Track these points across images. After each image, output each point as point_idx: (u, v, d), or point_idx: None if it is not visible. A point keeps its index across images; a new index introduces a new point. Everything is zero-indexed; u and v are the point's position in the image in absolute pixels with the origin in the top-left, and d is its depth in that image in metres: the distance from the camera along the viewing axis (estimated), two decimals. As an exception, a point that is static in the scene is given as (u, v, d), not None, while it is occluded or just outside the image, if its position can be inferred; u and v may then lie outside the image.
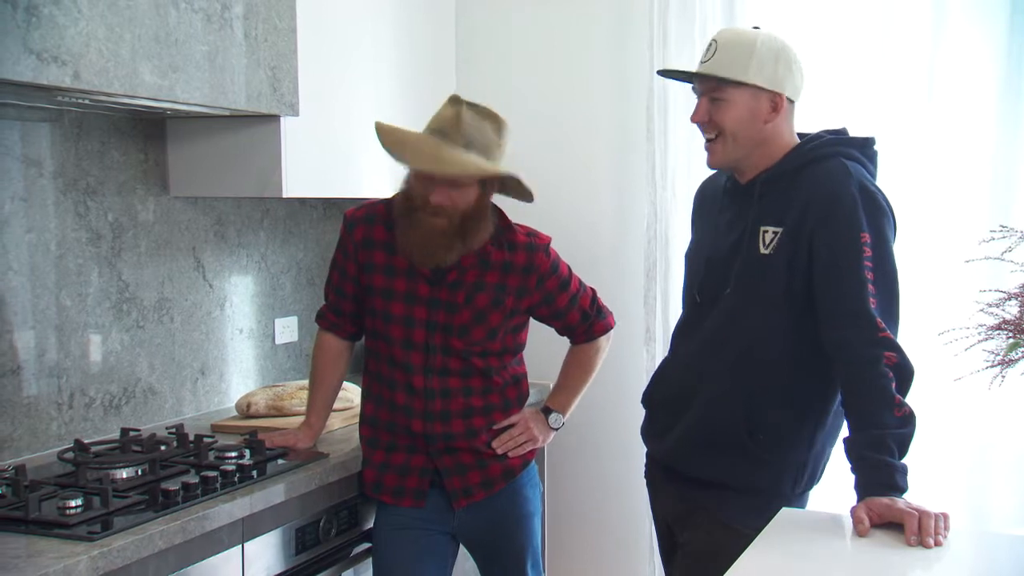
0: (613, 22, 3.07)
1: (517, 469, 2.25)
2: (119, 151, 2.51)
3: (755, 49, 1.93)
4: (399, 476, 2.20)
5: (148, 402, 2.61)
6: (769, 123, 1.97)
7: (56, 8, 1.87)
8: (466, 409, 2.18)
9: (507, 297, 2.17)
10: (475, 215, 2.09)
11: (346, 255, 2.25)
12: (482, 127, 2.06)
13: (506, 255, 2.17)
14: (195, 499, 1.94)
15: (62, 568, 1.62)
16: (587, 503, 3.11)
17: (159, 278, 2.63)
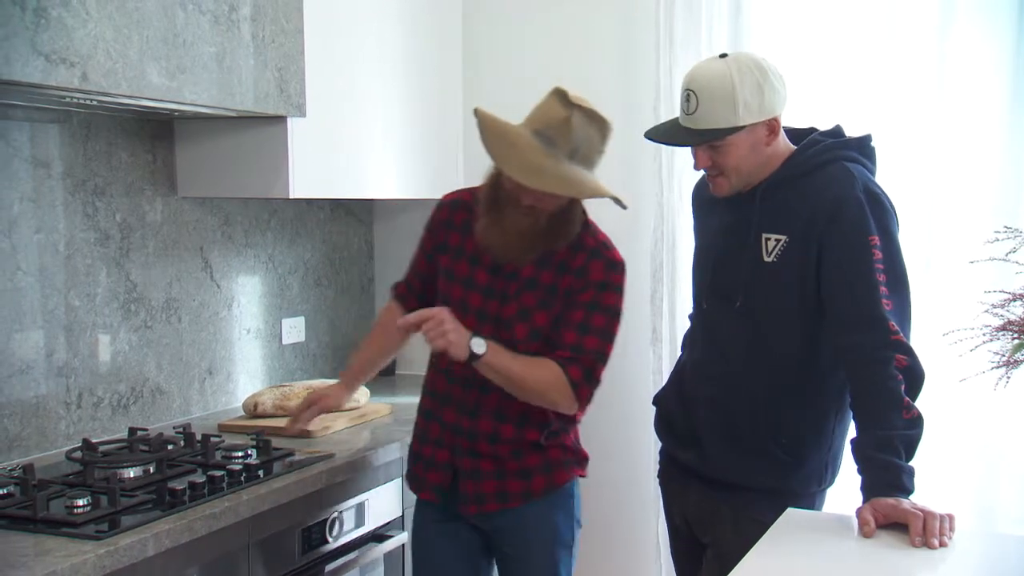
0: (619, 23, 3.06)
1: (537, 493, 2.11)
2: (127, 152, 2.52)
3: (736, 91, 1.88)
4: (425, 468, 2.17)
5: (156, 402, 2.62)
6: (769, 146, 1.96)
7: (64, 10, 1.88)
8: (499, 410, 2.08)
9: (556, 301, 2.06)
10: (562, 218, 2.03)
11: (428, 232, 2.23)
12: (589, 134, 1.96)
13: (568, 256, 2.07)
14: (202, 498, 1.95)
15: (69, 567, 1.63)
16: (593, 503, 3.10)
17: (167, 278, 2.64)
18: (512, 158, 1.94)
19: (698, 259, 2.15)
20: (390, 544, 2.44)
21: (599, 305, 2.06)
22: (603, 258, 2.08)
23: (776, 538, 1.72)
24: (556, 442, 2.14)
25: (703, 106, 1.91)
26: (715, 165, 1.96)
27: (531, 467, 2.12)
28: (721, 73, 1.91)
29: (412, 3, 3.02)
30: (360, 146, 2.81)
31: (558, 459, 2.15)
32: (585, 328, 2.04)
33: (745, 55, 1.97)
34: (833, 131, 2.04)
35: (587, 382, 2.04)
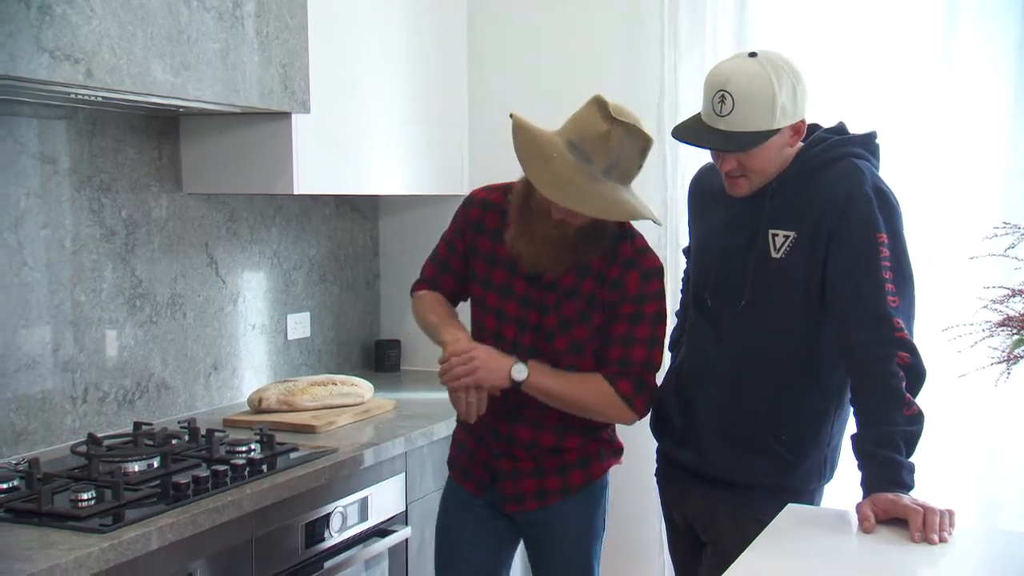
0: (624, 20, 3.06)
1: (575, 488, 2.11)
2: (133, 148, 2.53)
3: (774, 96, 1.85)
4: (468, 459, 2.16)
5: (161, 396, 2.64)
6: (792, 147, 1.95)
7: (69, 7, 1.89)
8: (538, 421, 2.06)
9: (596, 312, 2.02)
10: (593, 231, 1.98)
11: (457, 230, 2.16)
12: (628, 150, 1.90)
13: (604, 266, 2.02)
14: (205, 493, 1.97)
15: (74, 560, 1.64)
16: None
17: (172, 274, 2.65)
18: (545, 174, 1.88)
19: (698, 256, 2.14)
20: (393, 539, 2.45)
21: (641, 315, 2.02)
22: (639, 268, 2.03)
23: (775, 534, 1.72)
24: (593, 436, 2.13)
25: (740, 109, 1.86)
26: (741, 167, 1.93)
27: (569, 463, 2.11)
28: (759, 76, 1.86)
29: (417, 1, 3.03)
30: (365, 142, 2.82)
31: (595, 452, 2.14)
32: (630, 340, 2.01)
33: (776, 55, 1.91)
34: (837, 128, 2.03)
35: (639, 392, 2.03)
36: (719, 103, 1.88)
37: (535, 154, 1.90)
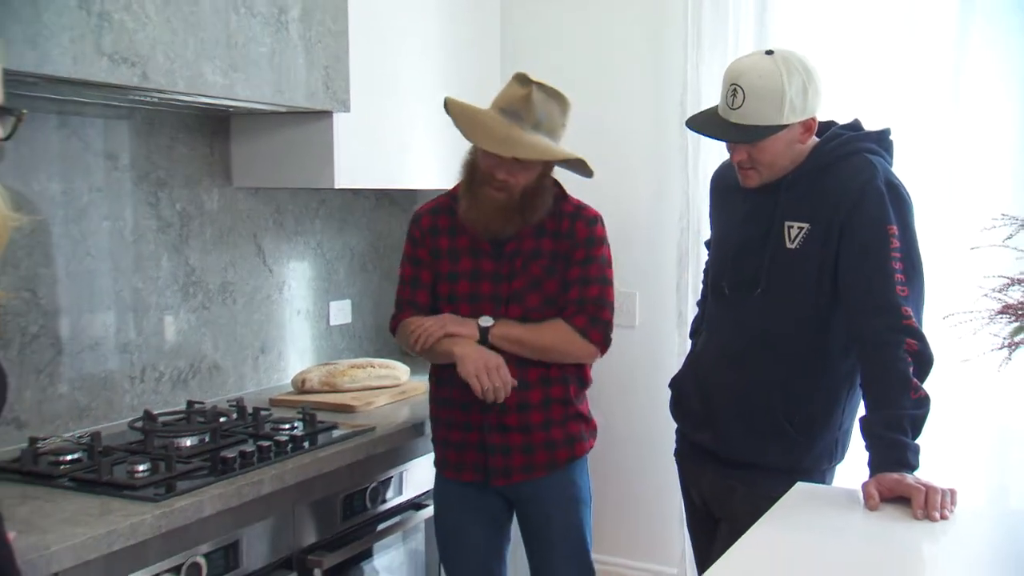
0: (650, 21, 3.05)
1: (562, 462, 2.16)
2: (186, 146, 2.56)
3: (785, 92, 1.85)
4: (458, 452, 2.18)
5: (212, 377, 2.66)
6: (802, 143, 1.95)
7: (126, 14, 1.92)
8: (522, 379, 2.09)
9: (559, 264, 2.12)
10: (535, 191, 2.08)
11: (415, 244, 2.23)
12: (550, 108, 2.04)
13: (555, 223, 2.13)
14: (251, 466, 1.99)
15: (129, 526, 1.68)
16: (624, 477, 3.12)
17: (223, 263, 2.68)
18: (484, 134, 2.03)
19: (718, 246, 2.14)
20: (428, 512, 2.45)
21: (592, 258, 2.13)
22: (582, 217, 2.15)
23: (784, 510, 1.72)
24: (574, 411, 2.18)
25: (750, 103, 1.87)
26: (751, 159, 1.94)
27: (556, 440, 2.15)
28: (770, 71, 1.87)
29: (452, 4, 3.03)
30: (402, 139, 2.82)
31: (578, 432, 2.19)
32: (585, 281, 2.12)
33: (792, 54, 1.91)
34: (852, 124, 2.03)
35: (594, 326, 2.11)
36: (732, 96, 1.90)
37: (472, 121, 2.07)
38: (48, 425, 2.23)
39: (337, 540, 2.20)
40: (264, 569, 2.01)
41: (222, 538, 1.90)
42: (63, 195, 2.25)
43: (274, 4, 2.27)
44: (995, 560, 1.58)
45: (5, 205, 1.17)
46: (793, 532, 1.63)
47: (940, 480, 1.69)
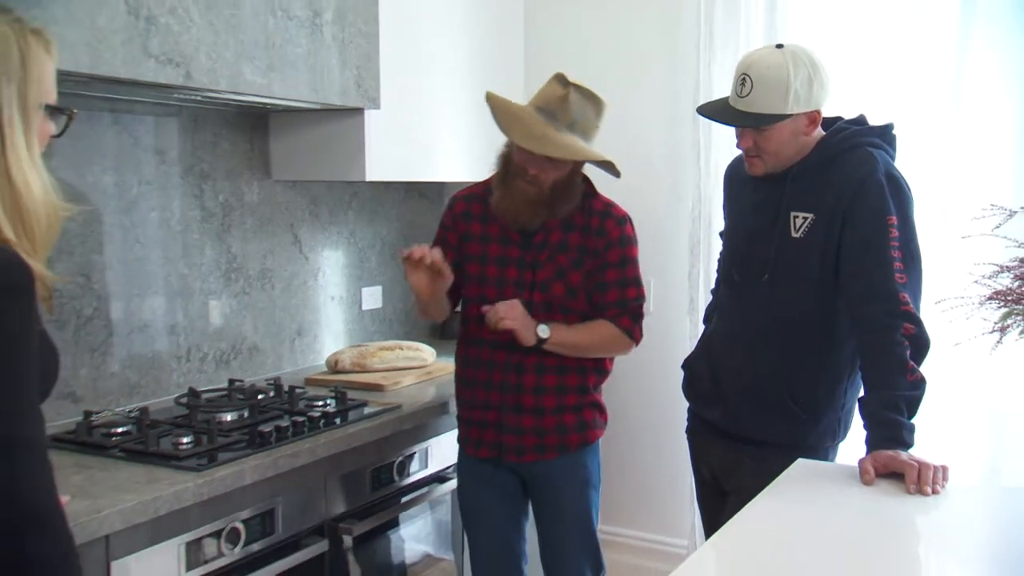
0: (665, 23, 3.05)
1: (572, 446, 2.16)
2: (229, 141, 2.58)
3: (791, 82, 1.87)
4: (477, 430, 2.19)
5: (253, 358, 2.69)
6: (807, 135, 1.95)
7: (172, 17, 1.95)
8: (540, 364, 2.10)
9: (586, 258, 2.10)
10: (565, 187, 2.08)
11: (445, 228, 2.23)
12: (585, 109, 2.04)
13: (584, 219, 2.12)
14: (286, 440, 2.02)
15: (173, 493, 1.72)
16: (638, 454, 3.14)
17: (262, 251, 2.70)
18: (521, 130, 2.02)
19: (729, 235, 2.14)
20: (450, 485, 2.47)
21: (627, 260, 2.13)
22: (612, 216, 2.14)
23: (785, 484, 1.73)
24: (590, 399, 2.18)
25: (756, 91, 1.89)
26: (756, 146, 1.94)
27: (568, 425, 2.15)
28: (778, 63, 1.89)
29: (477, 8, 3.03)
30: (429, 134, 2.82)
31: (591, 420, 2.18)
32: (623, 283, 2.12)
33: (801, 49, 1.93)
34: (857, 119, 2.02)
35: (636, 324, 2.15)
36: (740, 85, 1.92)
37: (511, 117, 2.05)
38: (101, 400, 2.27)
39: (366, 510, 2.22)
40: (298, 535, 2.03)
41: (259, 506, 1.93)
42: (115, 187, 2.29)
43: (309, 7, 2.29)
44: (984, 532, 1.58)
45: (57, 196, 1.20)
46: (791, 504, 1.64)
47: (933, 458, 1.69)
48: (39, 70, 1.18)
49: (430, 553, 2.49)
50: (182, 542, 1.76)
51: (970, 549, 1.51)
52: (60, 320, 2.18)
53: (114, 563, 1.64)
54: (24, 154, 1.15)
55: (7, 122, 1.13)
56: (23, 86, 1.16)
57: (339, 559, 2.14)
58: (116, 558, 1.64)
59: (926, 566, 1.49)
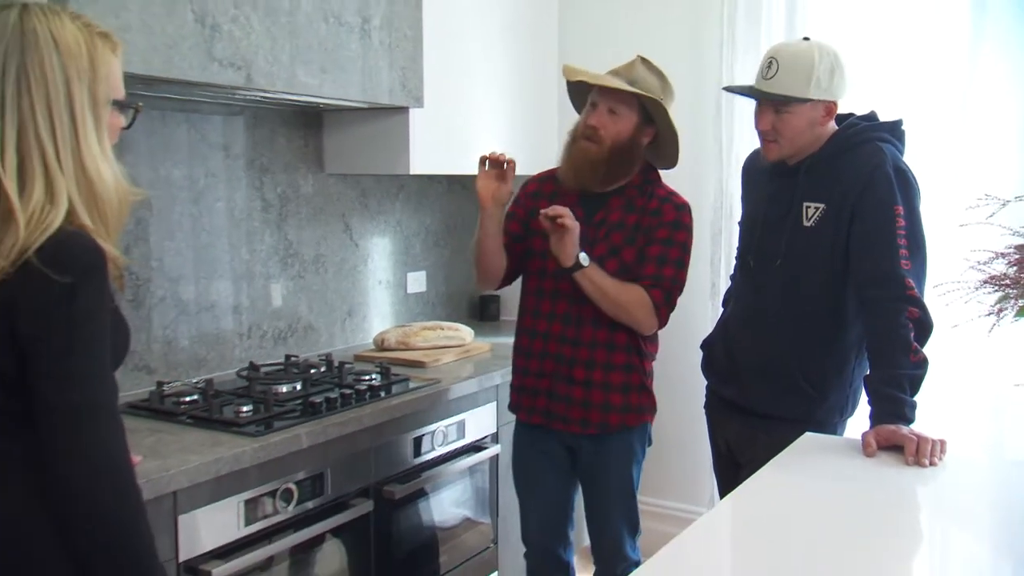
0: (690, 26, 3.03)
1: (612, 426, 2.10)
2: (285, 138, 2.62)
3: (814, 67, 1.86)
4: (531, 397, 2.15)
5: (307, 336, 2.73)
6: (822, 126, 1.94)
7: (234, 25, 1.99)
8: (593, 339, 2.06)
9: (640, 235, 2.06)
10: (625, 150, 2.03)
11: (516, 203, 2.21)
12: (648, 75, 2.02)
13: (646, 202, 2.08)
14: (335, 410, 2.05)
15: (232, 455, 1.77)
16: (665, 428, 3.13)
17: (316, 238, 2.74)
18: (583, 73, 2.06)
19: (745, 224, 2.14)
20: (486, 454, 2.51)
21: (673, 241, 2.06)
22: (672, 202, 2.09)
23: (792, 455, 1.74)
24: (638, 381, 2.11)
25: (781, 73, 1.88)
26: (774, 129, 1.93)
27: (613, 405, 2.09)
28: (804, 51, 1.90)
29: (514, 14, 3.03)
30: (469, 131, 2.83)
31: (636, 404, 2.12)
32: (663, 261, 2.05)
33: (826, 43, 1.93)
34: (868, 116, 2.01)
35: (666, 303, 2.05)
36: (767, 68, 1.92)
37: (575, 72, 2.09)
38: (172, 372, 2.33)
39: (407, 475, 2.25)
40: (345, 496, 2.07)
41: (310, 469, 1.96)
42: (184, 180, 2.34)
43: (359, 14, 2.32)
44: (978, 500, 1.57)
45: (125, 182, 1.23)
46: (796, 474, 1.65)
47: (933, 433, 1.68)
48: (107, 69, 1.21)
49: (469, 516, 2.52)
50: (241, 500, 1.81)
51: (964, 515, 1.50)
52: (136, 300, 2.25)
53: (180, 516, 1.69)
54: (95, 146, 1.18)
55: (80, 118, 1.17)
56: (93, 84, 1.18)
57: (383, 519, 2.19)
58: (182, 512, 1.70)
59: (920, 529, 1.49)
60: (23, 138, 1.13)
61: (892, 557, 1.31)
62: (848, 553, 1.30)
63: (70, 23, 1.18)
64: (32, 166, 1.13)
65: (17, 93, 1.13)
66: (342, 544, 2.08)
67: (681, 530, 1.37)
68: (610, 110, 2.03)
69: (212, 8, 1.94)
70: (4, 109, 1.13)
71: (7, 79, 1.13)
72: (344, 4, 2.28)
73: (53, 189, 1.14)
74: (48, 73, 1.14)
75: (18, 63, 1.13)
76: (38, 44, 1.14)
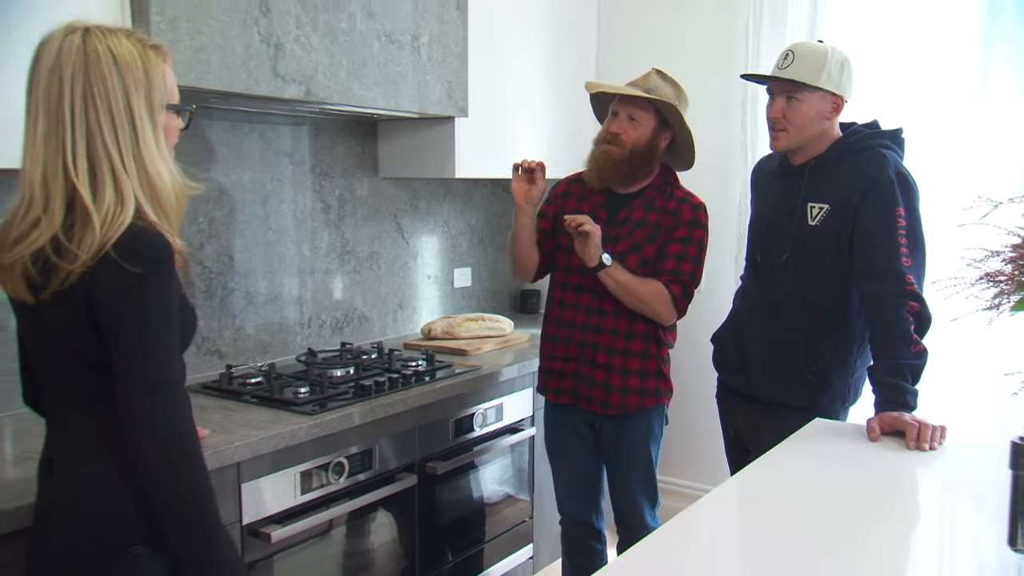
0: (718, 38, 3.03)
1: (631, 407, 2.13)
2: (344, 145, 2.68)
3: (826, 60, 1.89)
4: (557, 379, 2.17)
5: (362, 326, 2.80)
6: (828, 120, 1.94)
7: (296, 44, 2.06)
8: (614, 328, 2.09)
9: (660, 233, 2.08)
10: (644, 153, 2.07)
11: (548, 202, 2.25)
12: (664, 87, 2.05)
13: (665, 202, 2.11)
14: (383, 392, 2.11)
15: (290, 431, 1.84)
16: (687, 414, 3.15)
17: (370, 237, 2.80)
18: (602, 86, 2.14)
19: (754, 223, 2.14)
20: (523, 435, 2.54)
21: (691, 239, 2.08)
22: (689, 203, 2.11)
23: (800, 439, 1.74)
24: (655, 368, 2.13)
25: (796, 63, 1.91)
26: (785, 118, 1.93)
27: (631, 388, 2.12)
28: (818, 46, 1.94)
29: (554, 29, 3.04)
30: (510, 138, 2.86)
31: (653, 388, 2.14)
32: (682, 257, 2.08)
33: (840, 47, 1.97)
34: (871, 124, 2.00)
35: (684, 296, 2.08)
36: (783, 59, 1.94)
37: (599, 84, 2.18)
38: (241, 356, 2.41)
39: (449, 452, 2.29)
40: (392, 470, 2.13)
41: (360, 445, 2.02)
42: (253, 184, 2.42)
43: (408, 32, 2.37)
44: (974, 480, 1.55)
45: (181, 179, 1.28)
46: (803, 455, 1.66)
47: (934, 419, 1.67)
48: (160, 77, 1.25)
49: (506, 492, 2.56)
50: (297, 471, 1.88)
51: (960, 493, 1.50)
52: (209, 292, 2.35)
53: (243, 484, 1.77)
54: (154, 149, 1.23)
55: (140, 124, 1.21)
56: (149, 92, 1.23)
57: (426, 492, 2.24)
58: (245, 481, 1.77)
59: (917, 504, 1.49)
60: (92, 147, 1.19)
61: (889, 527, 1.32)
62: (848, 523, 1.32)
63: (126, 40, 1.23)
64: (102, 172, 1.19)
65: (84, 107, 1.19)
66: (388, 514, 2.14)
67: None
68: (630, 117, 2.07)
69: (277, 30, 2.02)
70: (74, 122, 1.19)
71: (75, 95, 1.19)
72: (396, 24, 2.33)
73: (121, 191, 1.20)
74: (109, 87, 1.20)
75: (84, 80, 1.19)
76: (99, 61, 1.20)
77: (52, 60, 1.20)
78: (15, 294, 1.23)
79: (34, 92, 1.21)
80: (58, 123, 1.19)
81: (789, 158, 2.02)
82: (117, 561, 1.23)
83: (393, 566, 2.18)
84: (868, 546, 1.24)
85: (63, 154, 1.19)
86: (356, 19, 2.21)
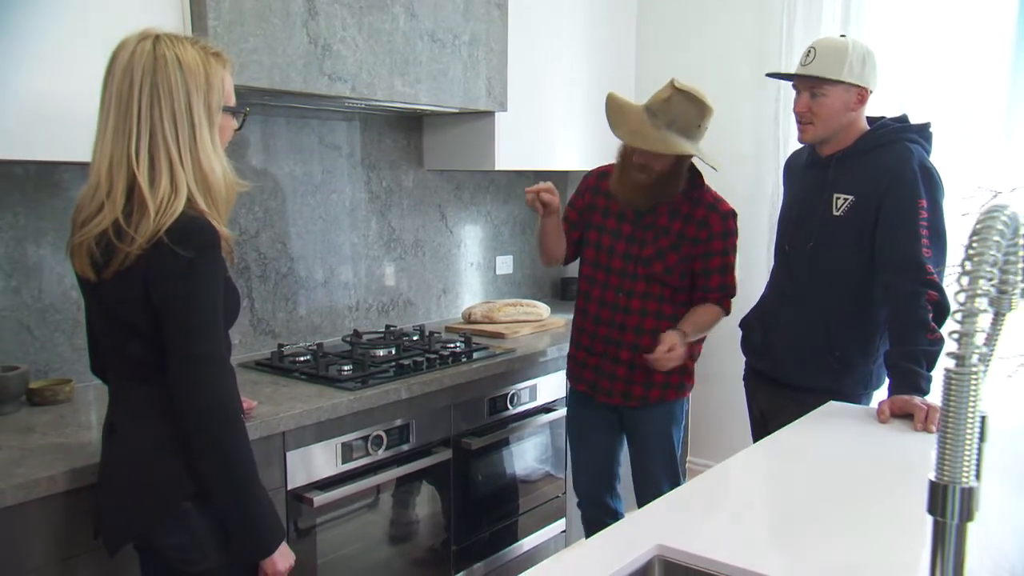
0: (753, 38, 3.01)
1: (652, 400, 2.14)
2: (390, 139, 2.74)
3: (848, 54, 1.88)
4: (580, 369, 2.21)
5: (407, 310, 2.86)
6: (854, 112, 1.93)
7: (341, 45, 2.13)
8: (639, 326, 2.10)
9: (684, 244, 2.07)
10: (669, 176, 2.03)
11: (578, 193, 2.24)
12: (687, 111, 1.95)
13: (691, 209, 2.08)
14: (421, 371, 2.17)
15: (331, 404, 1.91)
16: (717, 396, 3.15)
17: (416, 226, 2.86)
18: (623, 126, 2.01)
19: (784, 213, 2.14)
20: (555, 415, 2.57)
21: (729, 248, 2.10)
22: (719, 211, 2.09)
23: (814, 419, 1.75)
24: (681, 365, 2.11)
25: (818, 59, 1.91)
26: (810, 111, 1.93)
27: (654, 382, 2.13)
28: (839, 41, 1.93)
29: (593, 26, 3.04)
30: (548, 132, 2.88)
31: (677, 383, 2.16)
32: (725, 270, 2.10)
33: (861, 40, 1.97)
34: (900, 118, 1.98)
35: (731, 300, 2.15)
36: (806, 56, 1.94)
37: (618, 114, 2.03)
38: (292, 336, 2.50)
39: (483, 429, 2.34)
40: (428, 445, 2.19)
41: (398, 420, 2.08)
42: (304, 176, 2.50)
43: (450, 31, 2.41)
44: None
45: (233, 175, 1.37)
46: (816, 434, 1.66)
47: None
48: (219, 81, 1.34)
49: (539, 469, 2.61)
50: (338, 442, 1.96)
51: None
52: (264, 276, 2.45)
53: (288, 453, 1.86)
54: (209, 146, 1.32)
55: (198, 123, 1.30)
56: (208, 95, 1.32)
57: (461, 466, 2.30)
58: (290, 449, 1.86)
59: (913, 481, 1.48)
60: (153, 141, 1.29)
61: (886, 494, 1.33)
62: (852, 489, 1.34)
63: (191, 47, 1.32)
64: (160, 164, 1.29)
65: (150, 105, 1.28)
66: (426, 485, 2.21)
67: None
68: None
69: (324, 32, 2.09)
70: (140, 118, 1.28)
71: (143, 94, 1.28)
72: (437, 23, 2.38)
73: (176, 182, 1.29)
74: (174, 88, 1.29)
75: (151, 82, 1.29)
76: (167, 65, 1.29)
77: (125, 62, 1.29)
78: (82, 272, 1.34)
79: (108, 89, 1.31)
80: (126, 118, 1.28)
81: (817, 150, 2.01)
82: (167, 515, 1.34)
83: (430, 534, 2.25)
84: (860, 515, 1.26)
85: (127, 146, 1.28)
86: (399, 20, 2.27)
